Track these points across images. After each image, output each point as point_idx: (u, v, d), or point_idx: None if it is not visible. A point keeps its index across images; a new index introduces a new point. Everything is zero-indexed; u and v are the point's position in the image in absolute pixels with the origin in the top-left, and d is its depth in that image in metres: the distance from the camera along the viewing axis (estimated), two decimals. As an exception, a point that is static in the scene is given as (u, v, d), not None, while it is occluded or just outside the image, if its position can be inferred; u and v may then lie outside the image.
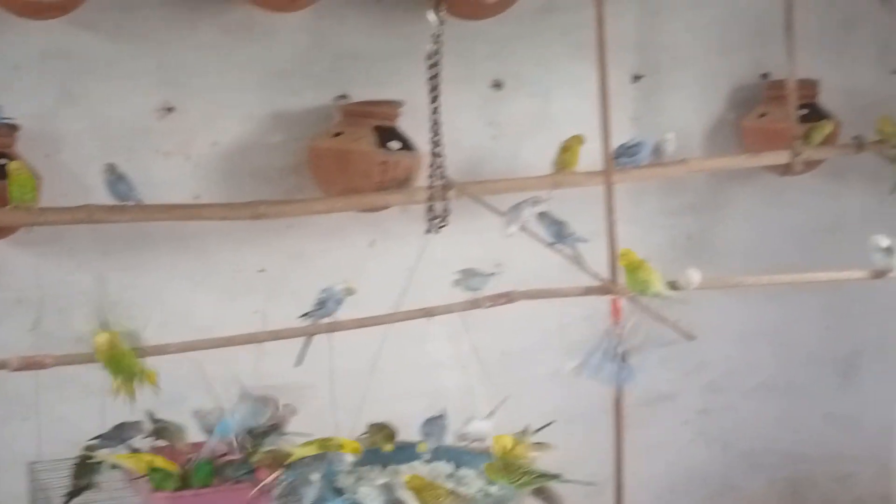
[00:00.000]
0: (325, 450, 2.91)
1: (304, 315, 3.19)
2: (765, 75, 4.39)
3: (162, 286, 3.74)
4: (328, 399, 3.16)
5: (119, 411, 2.97)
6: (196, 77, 3.69)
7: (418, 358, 3.95)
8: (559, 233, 3.56)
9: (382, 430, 3.20)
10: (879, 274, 3.68)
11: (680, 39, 4.29)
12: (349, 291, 3.20)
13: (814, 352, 4.70)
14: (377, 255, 3.98)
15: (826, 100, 4.33)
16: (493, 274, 3.33)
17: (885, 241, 3.66)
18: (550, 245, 3.57)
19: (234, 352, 3.12)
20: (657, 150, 3.94)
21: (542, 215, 3.59)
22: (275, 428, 3.08)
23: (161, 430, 3.13)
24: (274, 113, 3.78)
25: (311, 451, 2.90)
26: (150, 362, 2.99)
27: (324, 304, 3.19)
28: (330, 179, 3.69)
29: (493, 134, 4.10)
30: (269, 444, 3.01)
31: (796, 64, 4.02)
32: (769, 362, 4.65)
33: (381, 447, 3.16)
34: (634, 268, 3.39)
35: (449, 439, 3.22)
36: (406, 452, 3.20)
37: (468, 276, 3.33)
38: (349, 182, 3.64)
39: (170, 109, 3.67)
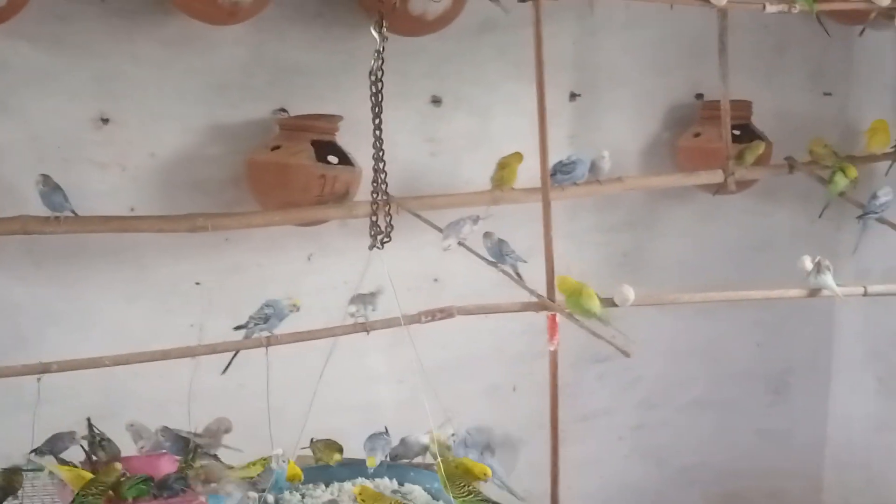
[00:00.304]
0: (266, 470, 2.92)
1: (239, 327, 3.18)
2: (699, 96, 4.46)
3: (97, 299, 3.70)
4: (265, 413, 3.17)
5: (52, 423, 2.94)
6: (133, 89, 3.66)
7: (356, 371, 3.94)
8: (499, 252, 3.59)
9: (329, 446, 3.19)
10: (813, 292, 3.75)
11: (616, 59, 4.34)
12: (294, 307, 3.20)
13: (746, 368, 4.77)
14: (315, 269, 3.97)
15: (759, 120, 4.40)
16: (378, 293, 3.30)
17: (809, 264, 3.73)
18: (491, 264, 3.60)
19: (170, 365, 3.11)
20: (594, 168, 3.98)
21: (484, 235, 3.63)
22: (210, 443, 3.07)
23: (95, 442, 3.11)
24: (212, 125, 3.77)
25: (254, 471, 2.91)
26: (82, 375, 2.98)
27: (267, 319, 3.18)
28: (268, 193, 3.68)
29: (431, 150, 4.11)
30: (204, 459, 3.00)
31: (730, 85, 4.10)
32: (702, 378, 4.71)
33: (328, 461, 3.16)
34: (572, 293, 3.44)
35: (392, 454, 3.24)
36: (350, 469, 3.21)
37: (359, 302, 3.31)
38: (288, 196, 3.64)
39: (105, 121, 3.64)
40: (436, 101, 4.10)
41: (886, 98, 4.51)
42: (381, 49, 2.97)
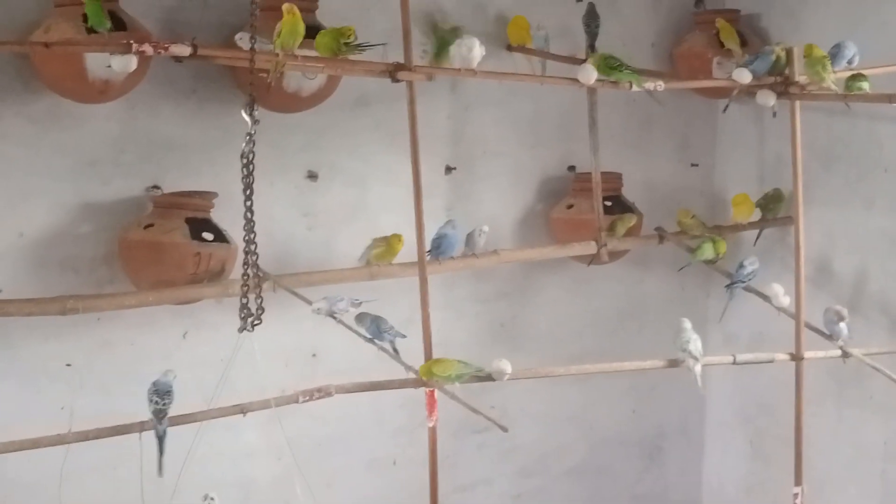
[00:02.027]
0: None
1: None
2: (572, 168, 4.55)
3: (-39, 380, 3.59)
4: (138, 493, 3.12)
5: None
6: (0, 166, 3.58)
7: (232, 448, 3.90)
8: (377, 329, 3.60)
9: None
10: (674, 363, 3.85)
11: (490, 132, 4.41)
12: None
13: (621, 434, 4.85)
14: (190, 346, 3.91)
15: (630, 191, 4.52)
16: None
17: (686, 327, 3.85)
18: (368, 340, 3.61)
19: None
20: (471, 241, 4.02)
21: (357, 317, 3.64)
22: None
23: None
24: (83, 203, 3.69)
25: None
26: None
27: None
28: (142, 271, 3.62)
29: (308, 224, 4.10)
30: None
31: (601, 158, 4.21)
32: (579, 446, 4.77)
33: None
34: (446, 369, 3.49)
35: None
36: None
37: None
38: (162, 274, 3.58)
39: (-28, 199, 3.55)
40: (312, 175, 4.10)
41: (750, 168, 4.68)
42: (253, 132, 2.97)
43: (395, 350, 3.61)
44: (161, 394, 3.22)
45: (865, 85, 3.80)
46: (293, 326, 3.94)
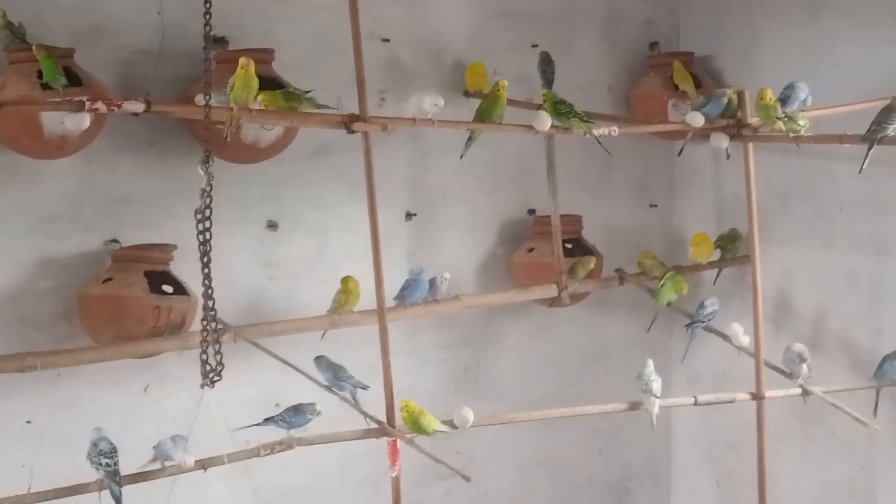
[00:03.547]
0: None
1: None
2: (532, 211, 4.57)
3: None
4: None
5: None
6: (-44, 225, 3.58)
7: (197, 501, 3.86)
8: (334, 377, 3.60)
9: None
10: (635, 406, 3.88)
11: (450, 178, 4.42)
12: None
13: (589, 477, 4.84)
14: (152, 400, 3.90)
15: (590, 233, 4.53)
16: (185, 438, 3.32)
17: (648, 369, 3.88)
18: (326, 388, 3.60)
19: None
20: (433, 287, 4.03)
21: (319, 359, 3.63)
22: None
23: None
24: (41, 259, 3.69)
25: None
26: None
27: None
28: (101, 327, 3.61)
29: (269, 274, 4.11)
30: None
31: (560, 201, 4.23)
32: (547, 489, 4.76)
33: None
34: (415, 418, 3.50)
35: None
36: None
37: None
38: (122, 329, 3.57)
39: (-72, 258, 3.54)
40: (272, 225, 4.10)
41: (708, 208, 4.70)
42: (209, 188, 2.97)
43: (355, 399, 3.59)
44: (107, 454, 3.19)
45: (802, 123, 3.84)
46: (257, 377, 3.93)
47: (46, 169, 3.64)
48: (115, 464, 3.19)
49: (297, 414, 3.50)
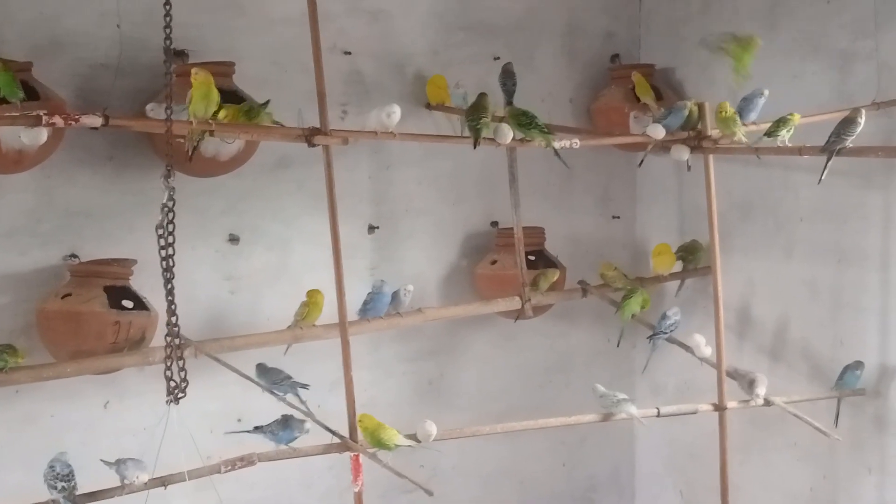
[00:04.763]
0: None
1: None
2: (495, 223, 4.57)
3: None
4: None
5: None
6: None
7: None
8: (271, 381, 3.62)
9: None
10: (608, 417, 3.88)
11: (412, 191, 4.42)
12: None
13: (553, 488, 4.84)
14: (113, 416, 3.86)
15: (552, 245, 4.55)
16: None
17: (601, 389, 3.91)
18: (269, 391, 3.61)
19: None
20: (395, 300, 4.02)
21: (257, 367, 3.67)
22: None
23: None
24: (0, 274, 3.66)
25: None
26: None
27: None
28: (60, 342, 3.57)
29: (231, 288, 4.08)
30: None
31: (523, 213, 4.23)
32: (511, 500, 4.75)
33: None
34: (373, 430, 3.48)
35: None
36: None
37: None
38: (81, 344, 3.53)
39: None
40: (233, 238, 4.08)
41: (670, 219, 4.73)
42: (171, 204, 2.94)
43: (302, 400, 3.59)
44: (63, 477, 3.15)
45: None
46: (218, 391, 3.90)
47: (4, 183, 3.60)
48: (71, 487, 3.15)
49: (285, 428, 3.49)
